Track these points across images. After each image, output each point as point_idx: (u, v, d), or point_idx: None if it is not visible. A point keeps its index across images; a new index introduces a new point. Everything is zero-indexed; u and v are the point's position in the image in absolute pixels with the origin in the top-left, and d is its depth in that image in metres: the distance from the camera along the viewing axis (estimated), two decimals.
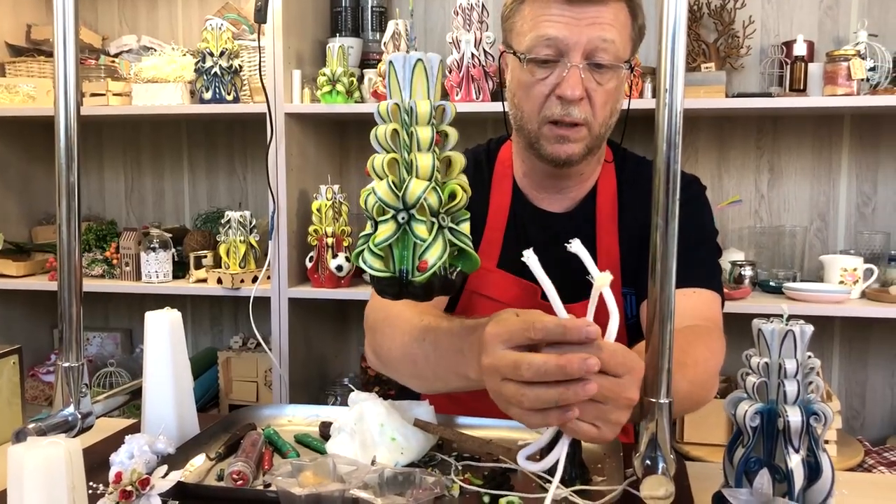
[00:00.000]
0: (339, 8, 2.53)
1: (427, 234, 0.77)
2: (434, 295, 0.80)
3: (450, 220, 0.79)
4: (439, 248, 0.77)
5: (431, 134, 0.80)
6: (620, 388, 0.78)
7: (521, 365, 0.76)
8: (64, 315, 1.02)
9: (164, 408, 1.11)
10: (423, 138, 0.79)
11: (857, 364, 2.50)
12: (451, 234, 0.79)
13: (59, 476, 0.78)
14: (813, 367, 0.83)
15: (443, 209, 0.78)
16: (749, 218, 2.51)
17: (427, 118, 0.80)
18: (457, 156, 0.82)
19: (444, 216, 0.78)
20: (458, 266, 0.80)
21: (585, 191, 1.29)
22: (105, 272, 2.54)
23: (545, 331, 0.77)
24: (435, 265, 0.77)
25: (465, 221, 0.80)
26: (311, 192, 2.40)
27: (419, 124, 0.80)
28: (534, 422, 0.78)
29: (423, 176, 0.78)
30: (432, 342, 1.01)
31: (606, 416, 0.78)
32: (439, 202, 0.78)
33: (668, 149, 0.82)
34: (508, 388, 0.78)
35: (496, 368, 0.80)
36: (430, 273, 0.77)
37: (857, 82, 2.11)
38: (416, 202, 0.77)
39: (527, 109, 1.18)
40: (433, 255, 0.77)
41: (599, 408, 0.78)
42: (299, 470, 0.88)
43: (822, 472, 0.82)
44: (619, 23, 1.14)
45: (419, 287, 0.78)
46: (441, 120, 0.82)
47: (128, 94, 2.47)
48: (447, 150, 0.83)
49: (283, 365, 2.33)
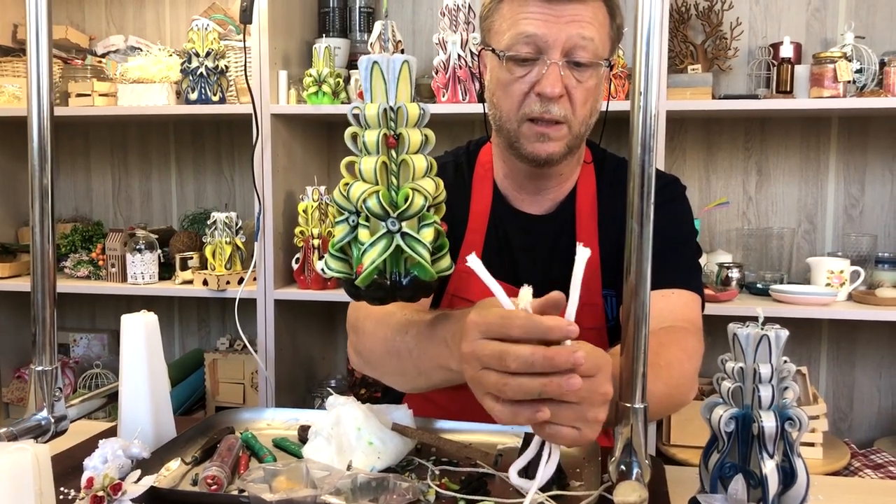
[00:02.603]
0: (327, 8, 2.52)
1: (367, 237, 0.77)
2: (388, 300, 0.79)
3: (406, 225, 0.78)
4: (375, 253, 0.77)
5: (421, 136, 0.80)
6: (594, 385, 0.77)
7: (507, 356, 0.76)
8: (37, 318, 1.01)
9: (140, 411, 1.10)
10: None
11: (844, 366, 2.51)
12: (403, 240, 0.78)
13: (25, 482, 0.77)
14: (789, 372, 0.83)
15: (394, 213, 0.78)
16: (736, 220, 2.51)
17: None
18: (417, 159, 0.81)
19: (395, 220, 0.78)
20: (413, 272, 0.79)
21: (565, 192, 1.28)
22: (91, 273, 2.53)
23: (524, 329, 0.77)
24: (369, 269, 0.77)
25: (427, 227, 0.79)
26: (297, 193, 2.39)
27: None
28: (506, 415, 0.78)
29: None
30: (415, 335, 1.00)
31: (584, 416, 0.78)
32: (381, 206, 0.77)
33: (642, 152, 0.81)
34: (490, 376, 0.78)
35: (477, 357, 0.79)
36: (366, 276, 0.77)
37: (843, 84, 2.11)
38: (356, 204, 0.77)
39: (506, 108, 1.18)
40: (368, 258, 0.77)
41: (576, 409, 0.77)
42: (272, 475, 0.87)
43: (797, 477, 0.82)
44: (597, 21, 1.14)
45: (363, 290, 0.78)
46: (398, 123, 0.81)
47: (114, 94, 2.45)
48: (424, 152, 0.83)
49: (270, 367, 2.32)
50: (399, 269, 0.79)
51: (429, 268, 0.78)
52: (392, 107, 0.80)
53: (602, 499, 0.92)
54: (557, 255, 1.26)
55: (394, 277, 0.79)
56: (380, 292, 0.81)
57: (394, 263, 0.80)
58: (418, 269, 0.78)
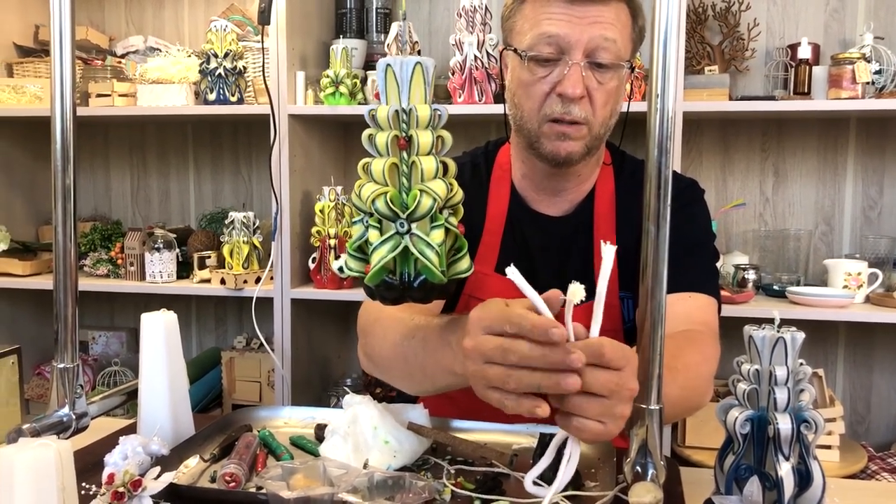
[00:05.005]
0: (344, 10, 2.53)
1: (377, 237, 0.78)
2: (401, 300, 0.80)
3: (415, 227, 0.79)
4: (382, 253, 0.78)
5: (432, 138, 0.80)
6: (622, 379, 0.78)
7: (508, 350, 0.78)
8: (59, 315, 1.02)
9: (159, 409, 1.12)
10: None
11: (861, 369, 2.49)
12: (411, 241, 0.79)
13: (48, 477, 0.78)
14: (805, 374, 0.83)
15: (403, 214, 0.78)
16: (753, 221, 2.50)
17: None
18: (427, 161, 0.81)
19: (404, 221, 0.78)
20: (423, 275, 0.79)
21: (583, 194, 1.28)
22: (110, 272, 2.55)
23: (518, 327, 0.78)
24: (376, 268, 0.78)
25: (437, 228, 0.79)
26: (314, 193, 2.41)
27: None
28: (510, 405, 0.79)
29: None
30: (422, 339, 1.01)
31: (611, 411, 0.78)
32: (389, 207, 0.78)
33: (659, 154, 0.82)
34: (494, 370, 0.79)
35: (480, 351, 0.81)
36: (373, 275, 0.78)
37: (861, 86, 2.09)
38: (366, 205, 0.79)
39: (527, 108, 1.18)
40: (376, 257, 0.78)
41: (604, 403, 0.78)
42: (290, 473, 0.88)
43: (812, 479, 0.82)
44: (620, 22, 1.14)
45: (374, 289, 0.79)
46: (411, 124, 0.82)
47: (133, 94, 2.48)
48: (438, 154, 0.83)
49: (286, 365, 2.33)
50: (409, 269, 0.80)
51: (436, 271, 0.79)
52: (404, 109, 0.80)
53: (617, 499, 0.93)
54: (574, 256, 1.26)
55: (404, 278, 0.79)
56: (392, 292, 0.82)
57: (404, 264, 0.81)
58: (426, 271, 0.78)
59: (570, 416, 0.79)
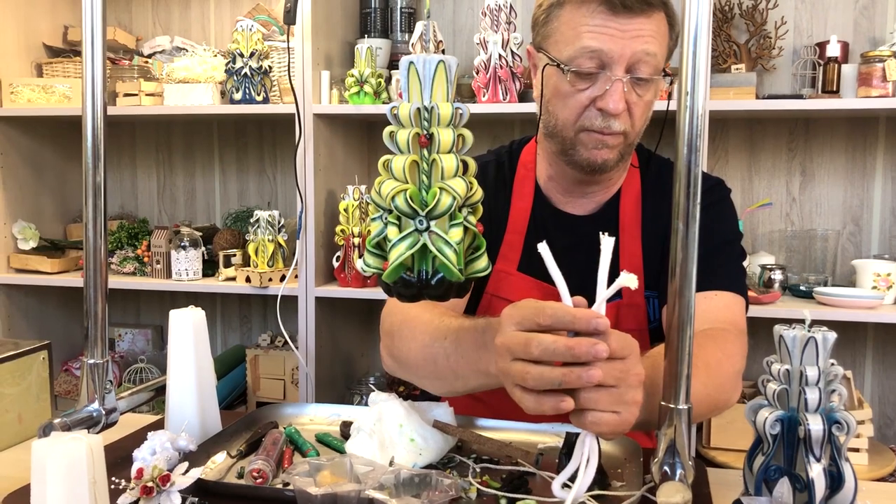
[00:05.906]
0: (369, 9, 2.54)
1: (396, 234, 0.79)
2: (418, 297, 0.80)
3: (434, 224, 0.79)
4: (401, 249, 0.78)
5: (453, 136, 0.80)
6: (627, 366, 0.80)
7: (531, 342, 0.79)
8: (90, 312, 1.04)
9: (186, 405, 1.13)
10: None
11: (890, 371, 2.46)
12: (430, 239, 0.79)
13: (80, 471, 0.79)
14: (836, 375, 0.82)
15: (423, 212, 0.78)
16: (780, 221, 2.48)
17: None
18: (448, 159, 0.80)
19: (423, 219, 0.78)
20: (441, 272, 0.79)
21: (610, 194, 1.28)
22: (136, 270, 2.58)
23: (554, 317, 0.79)
24: (394, 265, 0.78)
25: (455, 226, 0.79)
26: (338, 192, 2.42)
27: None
28: (531, 405, 0.80)
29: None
30: (454, 340, 1.02)
31: (623, 399, 0.80)
32: (408, 204, 0.78)
33: (688, 152, 0.81)
34: (516, 366, 0.80)
35: (507, 347, 0.82)
36: (391, 272, 0.78)
37: (892, 84, 2.07)
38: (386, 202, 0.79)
39: (562, 117, 1.17)
40: (394, 254, 0.78)
41: (614, 392, 0.79)
42: (317, 469, 0.89)
43: (844, 482, 0.81)
44: (660, 34, 1.13)
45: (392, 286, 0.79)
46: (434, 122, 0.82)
47: (160, 94, 2.50)
48: (459, 153, 0.83)
49: (310, 363, 2.35)
50: (427, 267, 0.80)
51: (453, 269, 0.78)
52: (426, 106, 0.80)
53: (644, 499, 0.92)
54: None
55: (422, 275, 0.79)
56: (410, 289, 0.81)
57: (422, 261, 0.81)
58: (444, 269, 0.78)
59: (585, 412, 0.79)
